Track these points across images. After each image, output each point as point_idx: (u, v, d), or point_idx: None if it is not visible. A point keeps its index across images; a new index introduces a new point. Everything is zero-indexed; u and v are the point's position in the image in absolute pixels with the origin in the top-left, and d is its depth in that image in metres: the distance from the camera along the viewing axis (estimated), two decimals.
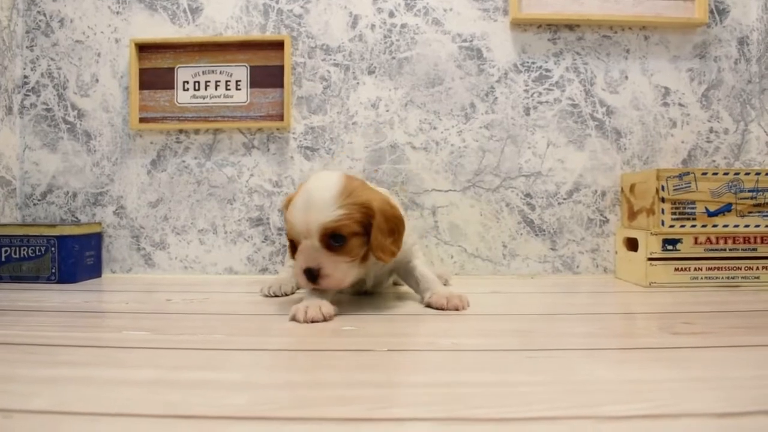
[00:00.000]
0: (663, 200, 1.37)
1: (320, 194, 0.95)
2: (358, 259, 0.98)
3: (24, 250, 1.47)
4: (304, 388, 0.60)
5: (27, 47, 1.62)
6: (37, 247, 1.46)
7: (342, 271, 0.96)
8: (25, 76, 1.62)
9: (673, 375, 0.63)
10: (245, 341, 0.82)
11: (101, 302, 1.18)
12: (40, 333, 0.86)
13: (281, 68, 1.55)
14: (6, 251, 1.47)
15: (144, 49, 1.58)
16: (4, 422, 0.49)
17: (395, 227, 1.00)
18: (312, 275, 0.95)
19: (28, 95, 1.62)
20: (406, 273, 1.16)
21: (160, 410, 0.52)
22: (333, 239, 0.95)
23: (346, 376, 0.64)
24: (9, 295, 1.25)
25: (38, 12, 1.61)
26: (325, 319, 0.94)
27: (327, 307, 0.96)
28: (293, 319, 0.94)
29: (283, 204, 1.05)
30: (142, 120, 1.57)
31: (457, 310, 1.03)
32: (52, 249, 1.46)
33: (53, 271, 1.46)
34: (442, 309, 1.04)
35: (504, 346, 0.78)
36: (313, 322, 0.93)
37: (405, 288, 1.25)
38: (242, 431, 0.48)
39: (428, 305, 1.06)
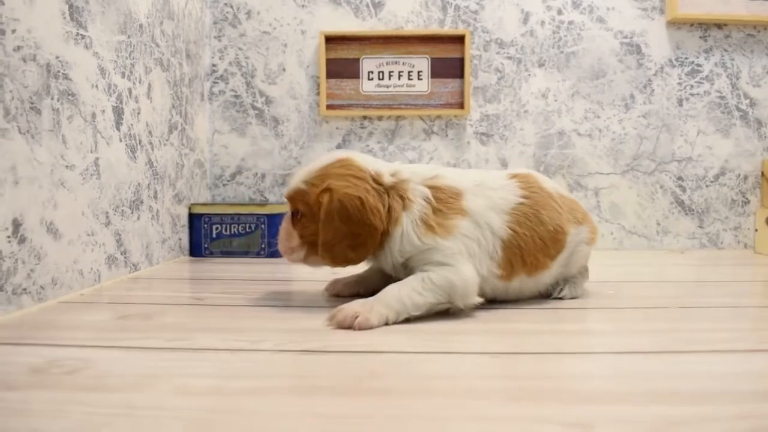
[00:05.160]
0: None
1: (309, 165, 0.92)
2: (306, 244, 0.89)
3: (234, 227, 1.59)
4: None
5: (215, 37, 1.72)
6: (248, 224, 1.58)
7: (288, 244, 0.91)
8: (214, 65, 1.73)
9: None
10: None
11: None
12: None
13: (460, 60, 1.69)
14: (217, 228, 1.59)
15: (331, 40, 1.70)
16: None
17: (357, 232, 0.83)
18: None
19: (216, 83, 1.73)
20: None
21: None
22: (294, 211, 0.91)
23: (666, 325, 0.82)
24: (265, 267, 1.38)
25: (225, 4, 1.72)
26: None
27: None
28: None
29: None
30: (329, 107, 1.70)
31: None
32: (262, 226, 1.58)
33: (263, 246, 1.58)
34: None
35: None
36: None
37: None
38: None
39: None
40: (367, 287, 1.01)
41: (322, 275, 1.11)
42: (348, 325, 0.76)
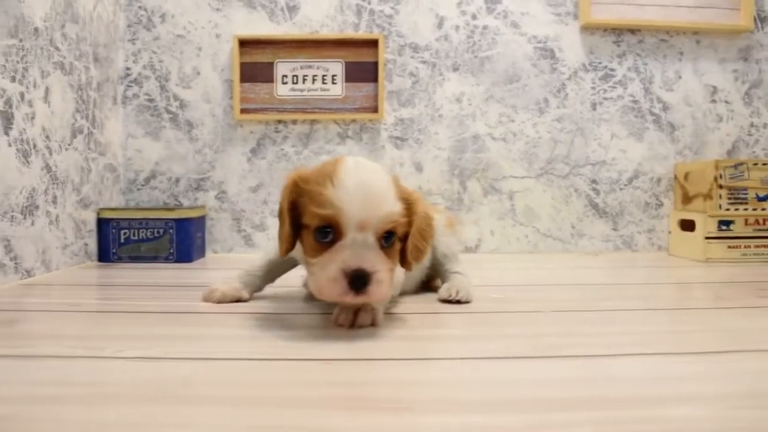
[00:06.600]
0: (720, 187, 1.58)
1: (378, 180, 0.76)
2: (389, 270, 0.77)
3: (143, 232, 1.58)
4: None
5: (129, 40, 1.71)
6: (156, 229, 1.58)
7: (389, 280, 0.76)
8: (127, 68, 1.72)
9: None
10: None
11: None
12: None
13: (374, 64, 1.69)
14: (125, 233, 1.58)
15: (245, 44, 1.69)
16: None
17: (430, 233, 0.86)
18: (361, 281, 0.71)
19: (130, 86, 1.72)
20: None
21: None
22: (386, 239, 0.75)
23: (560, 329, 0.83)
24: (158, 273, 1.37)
25: (139, 7, 1.71)
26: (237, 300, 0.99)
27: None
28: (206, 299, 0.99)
29: (298, 178, 0.79)
30: (243, 111, 1.70)
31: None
32: (171, 231, 1.57)
33: (171, 251, 1.58)
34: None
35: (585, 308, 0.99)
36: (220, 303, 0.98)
37: None
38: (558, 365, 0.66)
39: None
40: (250, 293, 1.03)
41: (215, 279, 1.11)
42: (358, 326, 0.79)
